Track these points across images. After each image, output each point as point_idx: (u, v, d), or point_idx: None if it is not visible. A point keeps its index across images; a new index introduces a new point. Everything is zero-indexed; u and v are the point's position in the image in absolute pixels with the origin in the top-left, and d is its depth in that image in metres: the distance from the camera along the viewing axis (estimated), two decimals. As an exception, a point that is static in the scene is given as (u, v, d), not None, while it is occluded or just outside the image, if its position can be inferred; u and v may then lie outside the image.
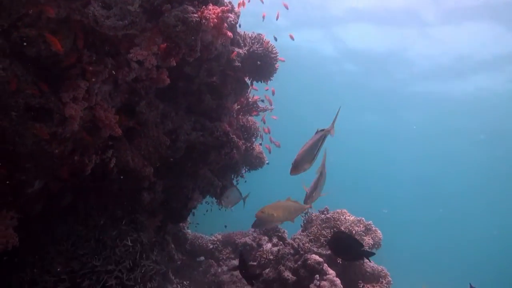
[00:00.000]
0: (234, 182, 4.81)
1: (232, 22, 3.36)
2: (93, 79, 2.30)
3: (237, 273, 4.73)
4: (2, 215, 2.15)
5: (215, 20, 2.37)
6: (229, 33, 2.59)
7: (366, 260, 4.05)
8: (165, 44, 2.39)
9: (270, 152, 5.32)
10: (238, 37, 3.81)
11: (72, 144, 2.41)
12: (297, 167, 2.44)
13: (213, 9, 2.40)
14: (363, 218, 4.09)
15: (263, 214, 3.06)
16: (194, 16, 2.26)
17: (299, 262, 3.55)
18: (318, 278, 3.33)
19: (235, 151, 3.62)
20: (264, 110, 4.81)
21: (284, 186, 3.08)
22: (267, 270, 4.01)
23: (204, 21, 2.28)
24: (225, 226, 5.59)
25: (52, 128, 2.17)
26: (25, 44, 2.07)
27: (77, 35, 2.14)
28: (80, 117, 2.27)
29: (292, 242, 3.83)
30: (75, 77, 2.25)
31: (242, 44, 3.87)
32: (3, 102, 1.99)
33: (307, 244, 3.81)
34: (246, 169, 4.97)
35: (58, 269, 2.59)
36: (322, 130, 2.42)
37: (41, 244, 2.74)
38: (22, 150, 2.13)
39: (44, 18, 2.06)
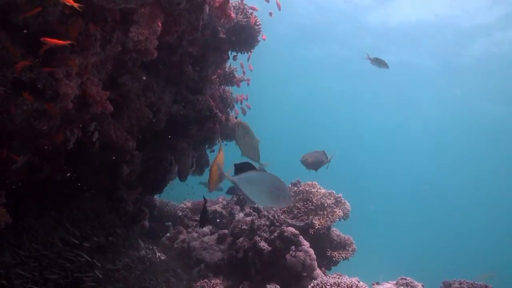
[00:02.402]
0: (208, 152, 4.83)
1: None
2: (85, 53, 2.16)
3: (207, 239, 4.84)
4: (-11, 194, 2.04)
5: (220, -1, 2.28)
6: (233, 14, 2.51)
7: (333, 229, 4.33)
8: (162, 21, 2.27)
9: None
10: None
11: (60, 120, 2.28)
12: None
13: (217, -13, 2.30)
14: (333, 191, 4.32)
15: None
16: (198, -7, 2.16)
17: (275, 234, 3.71)
18: (293, 249, 3.53)
19: (218, 126, 3.61)
20: (241, 80, 4.78)
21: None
22: (241, 239, 4.14)
23: (208, -1, 2.19)
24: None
25: (43, 105, 2.04)
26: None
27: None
28: (71, 93, 2.15)
29: (267, 213, 3.98)
30: (66, 50, 2.10)
31: (225, 14, 3.74)
32: (-10, 77, 1.83)
33: (282, 216, 3.98)
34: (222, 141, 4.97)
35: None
36: None
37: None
38: (10, 127, 2.00)
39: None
